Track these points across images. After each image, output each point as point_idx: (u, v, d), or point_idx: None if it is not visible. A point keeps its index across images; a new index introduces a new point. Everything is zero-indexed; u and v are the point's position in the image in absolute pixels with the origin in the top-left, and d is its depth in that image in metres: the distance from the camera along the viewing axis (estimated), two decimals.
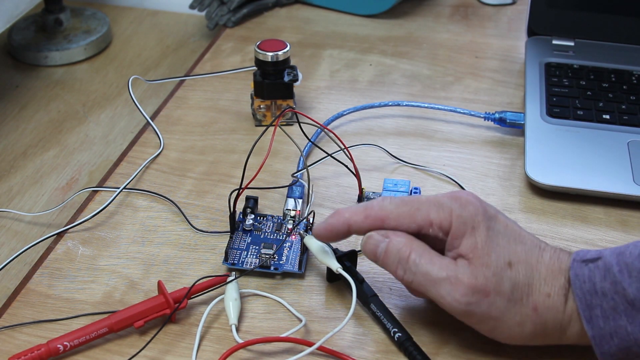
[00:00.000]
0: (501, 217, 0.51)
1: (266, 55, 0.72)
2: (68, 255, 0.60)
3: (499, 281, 0.48)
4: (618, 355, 0.47)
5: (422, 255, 0.50)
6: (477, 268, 0.49)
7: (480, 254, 0.49)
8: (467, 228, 0.49)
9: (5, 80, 0.88)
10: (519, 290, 0.49)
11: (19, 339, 0.53)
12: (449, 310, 0.50)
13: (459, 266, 0.49)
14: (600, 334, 0.47)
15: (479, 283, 0.48)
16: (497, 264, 0.49)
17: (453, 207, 0.50)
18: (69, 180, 0.73)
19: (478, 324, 0.50)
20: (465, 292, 0.48)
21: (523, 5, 0.98)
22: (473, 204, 0.50)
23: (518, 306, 0.49)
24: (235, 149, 0.72)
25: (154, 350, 0.53)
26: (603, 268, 0.48)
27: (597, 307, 0.47)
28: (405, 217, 0.51)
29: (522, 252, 0.50)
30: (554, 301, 0.49)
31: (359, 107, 0.77)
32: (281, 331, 0.54)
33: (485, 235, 0.49)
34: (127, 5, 1.03)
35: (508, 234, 0.50)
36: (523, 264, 0.49)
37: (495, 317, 0.49)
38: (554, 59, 0.81)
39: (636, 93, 0.76)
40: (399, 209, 0.51)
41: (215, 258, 0.60)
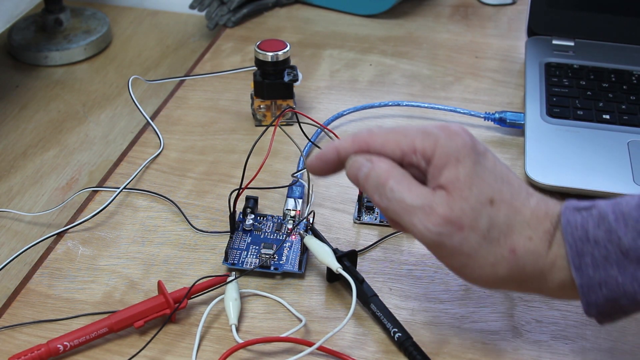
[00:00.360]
0: (491, 156, 0.49)
1: (266, 55, 0.72)
2: (68, 255, 0.60)
3: (476, 217, 0.47)
4: (604, 307, 0.46)
5: (400, 182, 0.48)
6: (454, 200, 0.47)
7: (460, 186, 0.47)
8: (450, 159, 0.48)
9: (5, 80, 0.88)
10: (497, 229, 0.47)
11: (19, 339, 0.53)
12: (419, 239, 0.48)
13: (436, 196, 0.47)
14: (588, 283, 0.45)
15: (454, 215, 0.47)
16: (477, 199, 0.47)
17: (439, 137, 0.48)
18: (69, 180, 0.73)
19: (448, 259, 0.48)
20: (437, 222, 0.47)
21: (523, 5, 0.98)
22: (461, 137, 0.48)
23: (494, 246, 0.47)
24: (235, 149, 0.72)
25: (154, 350, 0.53)
26: (597, 216, 0.46)
27: (587, 255, 0.45)
28: (391, 142, 0.49)
29: (507, 193, 0.48)
30: (535, 245, 0.47)
31: (359, 107, 0.77)
32: (281, 331, 0.54)
33: (470, 169, 0.47)
34: (127, 5, 1.03)
35: (496, 172, 0.48)
36: (506, 204, 0.47)
37: (467, 253, 0.47)
38: (554, 59, 0.81)
39: (636, 93, 0.76)
40: (386, 134, 0.50)
41: (215, 258, 0.60)
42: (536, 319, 0.55)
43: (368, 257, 0.61)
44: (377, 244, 0.62)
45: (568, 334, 0.54)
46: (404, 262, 0.60)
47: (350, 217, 0.64)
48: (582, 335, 0.54)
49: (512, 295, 0.57)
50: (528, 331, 0.54)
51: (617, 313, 0.46)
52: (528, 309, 0.56)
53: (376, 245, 0.62)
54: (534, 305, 0.56)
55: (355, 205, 0.65)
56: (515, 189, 0.48)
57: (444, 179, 0.47)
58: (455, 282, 0.58)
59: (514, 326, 0.55)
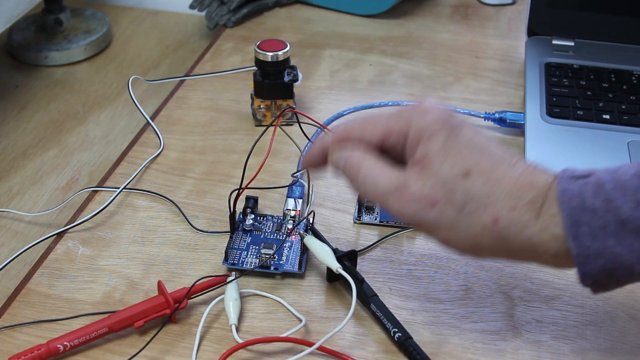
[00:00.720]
0: (468, 128, 0.49)
1: (266, 55, 0.72)
2: (68, 255, 0.60)
3: (450, 191, 0.46)
4: (599, 277, 0.45)
5: (372, 169, 0.49)
6: (426, 176, 0.47)
7: (431, 162, 0.47)
8: (422, 135, 0.48)
9: (5, 80, 0.88)
10: (475, 201, 0.46)
11: (19, 339, 0.53)
12: (399, 219, 0.49)
13: (407, 175, 0.48)
14: (585, 254, 0.44)
15: (425, 192, 0.47)
16: (449, 173, 0.47)
17: (412, 115, 0.49)
18: (69, 180, 0.73)
19: (430, 234, 0.48)
20: (410, 200, 0.47)
21: (523, 5, 0.98)
22: (433, 112, 0.48)
23: (473, 218, 0.46)
24: (235, 149, 0.72)
25: (154, 350, 0.53)
26: (595, 184, 0.45)
27: (584, 225, 0.44)
28: (368, 129, 0.50)
29: (485, 164, 0.47)
30: (519, 215, 0.46)
31: (359, 107, 0.77)
32: (281, 331, 0.54)
33: (442, 143, 0.47)
34: (127, 5, 1.03)
35: (472, 145, 0.48)
36: (483, 176, 0.47)
37: (446, 227, 0.47)
38: (554, 59, 0.81)
39: (636, 93, 0.76)
40: (363, 123, 0.51)
41: (215, 258, 0.60)
42: (536, 319, 0.55)
43: (368, 257, 0.61)
44: (377, 244, 0.62)
45: (568, 334, 0.54)
46: (404, 262, 0.60)
47: (350, 217, 0.64)
48: (582, 335, 0.54)
49: (512, 295, 0.57)
50: (528, 331, 0.54)
51: (613, 283, 0.46)
52: (528, 309, 0.56)
53: (376, 245, 0.62)
54: (534, 305, 0.56)
55: (355, 205, 0.65)
56: (495, 161, 0.47)
57: (417, 155, 0.48)
58: (455, 282, 0.58)
59: (514, 326, 0.55)
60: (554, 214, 0.45)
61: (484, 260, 0.49)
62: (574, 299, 0.57)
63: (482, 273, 0.59)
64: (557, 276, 0.59)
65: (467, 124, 0.49)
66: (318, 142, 0.53)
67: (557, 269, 0.47)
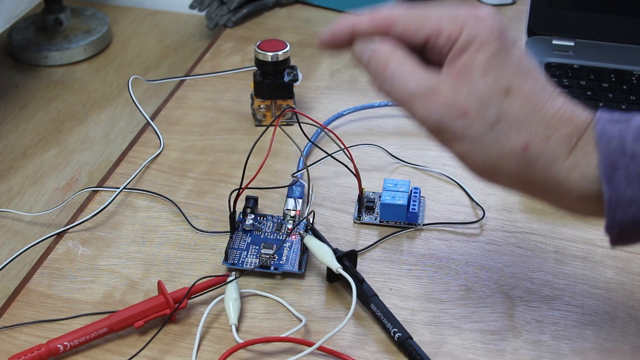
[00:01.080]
0: (519, 47, 0.46)
1: (266, 55, 0.72)
2: (68, 255, 0.60)
3: (485, 104, 0.44)
4: (628, 226, 0.43)
5: (402, 66, 0.46)
6: (462, 84, 0.44)
7: (473, 70, 0.44)
8: (473, 43, 0.44)
9: (5, 80, 0.88)
10: (509, 120, 0.44)
11: (19, 339, 0.53)
12: (421, 124, 0.46)
13: (442, 79, 0.45)
14: (618, 199, 0.42)
15: (459, 99, 0.44)
16: (489, 86, 0.44)
17: (467, 20, 0.45)
18: (69, 180, 0.73)
19: (450, 144, 0.46)
20: (440, 105, 0.44)
21: (523, 5, 0.98)
22: (490, 23, 0.45)
23: (503, 136, 0.44)
24: (235, 149, 0.72)
25: (154, 350, 0.53)
26: (637, 129, 0.42)
27: (621, 169, 0.42)
28: (414, 23, 0.46)
29: (529, 86, 0.44)
30: (552, 147, 0.44)
31: (359, 107, 0.77)
32: (281, 331, 0.54)
33: (491, 55, 0.44)
34: (127, 5, 1.03)
35: (521, 64, 0.45)
36: (525, 97, 0.44)
37: (471, 140, 0.44)
38: (554, 59, 0.81)
39: (636, 93, 0.76)
40: (410, 16, 0.46)
41: (215, 258, 0.60)
42: (536, 319, 0.55)
43: (368, 257, 0.61)
44: (377, 244, 0.62)
45: (568, 334, 0.54)
46: (404, 262, 0.60)
47: (350, 217, 0.64)
48: (582, 335, 0.54)
49: (512, 295, 0.57)
50: (528, 331, 0.54)
51: (636, 236, 0.44)
52: (528, 309, 0.56)
53: (376, 245, 0.62)
54: (534, 306, 0.56)
55: (355, 205, 0.65)
56: (540, 85, 0.45)
57: (461, 62, 0.45)
58: (455, 282, 0.58)
59: (514, 326, 0.55)
60: (588, 152, 0.43)
61: (495, 186, 0.47)
62: (574, 299, 0.57)
63: (482, 273, 0.59)
64: (557, 276, 0.59)
65: (520, 43, 0.47)
66: (347, 22, 0.47)
67: (576, 214, 0.45)
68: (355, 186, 0.64)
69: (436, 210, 0.65)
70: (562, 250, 0.61)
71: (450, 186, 0.68)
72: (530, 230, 0.63)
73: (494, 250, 0.61)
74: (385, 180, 0.65)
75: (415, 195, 0.64)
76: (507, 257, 0.61)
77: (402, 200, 0.63)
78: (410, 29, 0.46)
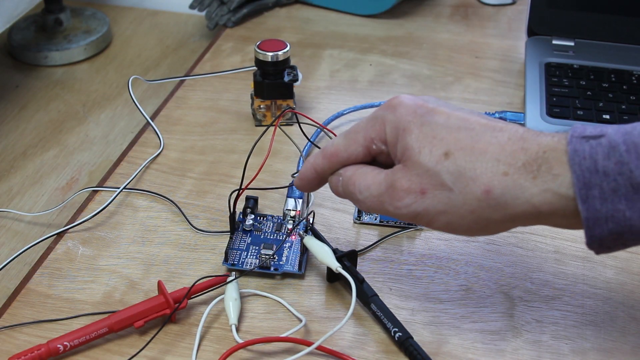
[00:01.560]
0: (441, 111, 0.48)
1: (266, 55, 0.72)
2: (68, 255, 0.60)
3: (435, 175, 0.46)
4: (607, 240, 0.44)
5: (364, 178, 0.50)
6: (410, 169, 0.47)
7: (412, 153, 0.47)
8: (398, 132, 0.48)
9: (5, 80, 0.88)
10: (462, 178, 0.46)
11: (19, 339, 0.53)
12: (399, 218, 0.49)
13: (394, 173, 0.48)
14: (594, 217, 0.44)
15: (413, 184, 0.47)
16: (430, 159, 0.47)
17: (385, 115, 0.49)
18: (69, 180, 0.73)
19: (431, 223, 0.48)
20: (402, 196, 0.47)
21: (523, 5, 0.98)
22: (404, 105, 0.49)
23: (465, 194, 0.46)
24: (235, 149, 0.72)
25: (154, 350, 0.53)
26: (607, 146, 0.44)
27: (595, 187, 0.43)
28: (352, 143, 0.51)
29: (465, 139, 0.47)
30: (513, 180, 0.45)
31: (359, 107, 0.77)
32: (281, 331, 0.54)
33: (418, 133, 0.47)
34: (127, 5, 1.03)
35: (450, 124, 0.47)
36: (465, 151, 0.46)
37: (444, 211, 0.47)
38: (554, 59, 0.81)
39: (636, 93, 0.76)
40: (346, 139, 0.51)
41: (215, 258, 0.60)
42: (536, 319, 0.55)
43: (368, 257, 0.61)
44: (377, 244, 0.62)
45: (568, 334, 0.54)
46: (404, 262, 0.60)
47: (350, 217, 0.64)
48: (582, 335, 0.54)
49: (512, 295, 0.57)
50: (528, 331, 0.54)
51: (618, 245, 0.45)
52: (528, 309, 0.56)
53: (376, 245, 0.62)
54: (534, 306, 0.56)
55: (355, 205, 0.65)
56: (477, 133, 0.47)
57: (399, 152, 0.48)
58: (455, 282, 0.58)
59: (514, 326, 0.55)
60: (559, 174, 0.44)
61: (495, 234, 0.49)
62: (574, 299, 0.57)
63: (482, 273, 0.59)
64: (557, 276, 0.59)
65: (441, 105, 0.49)
66: (309, 166, 0.53)
67: (569, 229, 0.46)
68: None
69: None
70: (562, 250, 0.61)
71: None
72: (530, 230, 0.63)
73: (494, 250, 0.61)
74: None
75: None
76: (507, 257, 0.61)
77: None
78: (352, 149, 0.51)
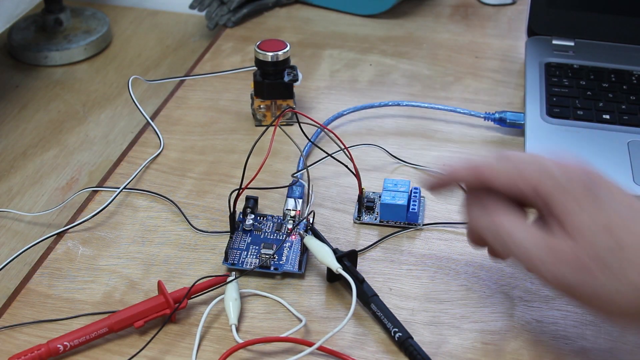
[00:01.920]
0: (607, 184, 0.47)
1: (266, 55, 0.72)
2: (68, 255, 0.60)
3: (604, 258, 0.44)
4: None
5: (517, 229, 0.47)
6: (580, 246, 0.45)
7: (584, 232, 0.45)
8: (567, 200, 0.46)
9: (5, 80, 0.88)
10: (629, 264, 0.44)
11: (19, 339, 0.53)
12: (547, 285, 0.47)
13: (555, 236, 0.46)
14: None
15: (582, 262, 0.45)
16: (602, 242, 0.44)
17: (556, 175, 0.47)
18: (69, 180, 0.73)
19: (583, 299, 0.46)
20: (561, 266, 0.45)
21: (523, 5, 0.98)
22: (577, 174, 0.47)
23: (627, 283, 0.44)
24: (235, 149, 0.72)
25: (154, 350, 0.53)
26: None
27: None
28: (506, 175, 0.49)
29: (631, 220, 0.45)
30: None
31: (359, 107, 0.77)
32: (281, 331, 0.54)
33: (590, 212, 0.45)
34: (127, 5, 1.03)
35: (618, 203, 0.46)
36: (634, 235, 0.44)
37: (600, 294, 0.45)
38: (554, 59, 0.81)
39: (636, 93, 0.76)
40: (503, 170, 0.49)
41: (215, 258, 0.60)
42: (536, 319, 0.55)
43: (368, 257, 0.61)
44: (377, 244, 0.62)
45: (568, 334, 0.54)
46: (404, 262, 0.60)
47: (350, 217, 0.64)
48: (582, 335, 0.54)
49: (512, 295, 0.57)
50: (528, 331, 0.54)
51: None
52: (528, 309, 0.56)
53: (376, 245, 0.62)
54: (534, 306, 0.56)
55: (355, 205, 0.65)
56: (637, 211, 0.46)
57: (568, 225, 0.46)
58: (455, 282, 0.58)
59: (514, 326, 0.55)
60: None
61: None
62: None
63: (482, 273, 0.59)
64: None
65: (605, 178, 0.47)
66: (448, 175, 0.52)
67: None
68: (355, 186, 0.64)
69: (436, 210, 0.65)
70: None
71: None
72: None
73: None
74: (385, 180, 0.65)
75: (415, 195, 0.64)
76: None
77: (402, 200, 0.63)
78: (503, 180, 0.49)
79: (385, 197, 0.63)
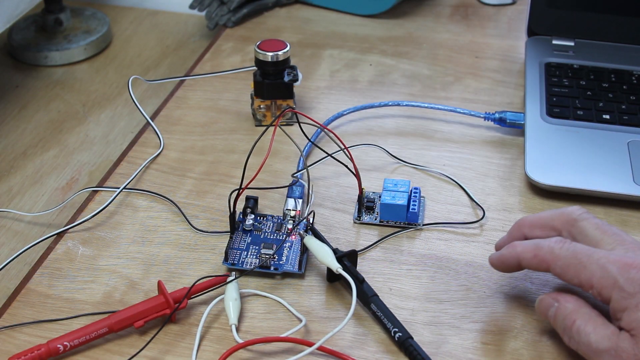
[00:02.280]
0: None
1: (266, 55, 0.72)
2: (68, 255, 0.60)
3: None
4: None
5: (586, 324, 0.49)
6: (637, 343, 0.46)
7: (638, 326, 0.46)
8: (629, 303, 0.47)
9: (5, 80, 0.88)
10: None
11: (19, 339, 0.53)
12: None
13: (621, 339, 0.47)
14: None
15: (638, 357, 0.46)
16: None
17: (617, 278, 0.48)
18: (69, 180, 0.73)
19: None
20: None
21: (523, 5, 0.98)
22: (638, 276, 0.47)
23: None
24: (235, 149, 0.72)
25: (154, 350, 0.53)
26: None
27: None
28: (569, 270, 0.50)
29: None
30: None
31: (359, 107, 0.77)
32: (281, 331, 0.54)
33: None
34: (127, 5, 1.03)
35: None
36: None
37: None
38: (554, 59, 0.81)
39: (636, 93, 0.76)
40: (566, 259, 0.50)
41: (215, 258, 0.60)
42: (536, 319, 0.55)
43: (368, 257, 0.61)
44: (377, 244, 0.62)
45: None
46: (404, 262, 0.60)
47: (350, 217, 0.64)
48: None
49: (512, 295, 0.57)
50: (528, 331, 0.54)
51: None
52: (528, 309, 0.56)
53: (376, 245, 0.62)
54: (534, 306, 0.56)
55: (355, 205, 0.65)
56: None
57: (626, 322, 0.47)
58: (455, 282, 0.58)
59: (514, 326, 0.55)
60: None
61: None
62: None
63: (482, 273, 0.59)
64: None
65: None
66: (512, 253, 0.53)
67: None
68: (355, 186, 0.64)
69: (436, 210, 0.65)
70: None
71: (450, 186, 0.68)
72: None
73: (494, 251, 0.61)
74: (385, 180, 0.65)
75: (415, 195, 0.64)
76: None
77: (402, 200, 0.63)
78: (566, 275, 0.50)
79: (385, 197, 0.63)
